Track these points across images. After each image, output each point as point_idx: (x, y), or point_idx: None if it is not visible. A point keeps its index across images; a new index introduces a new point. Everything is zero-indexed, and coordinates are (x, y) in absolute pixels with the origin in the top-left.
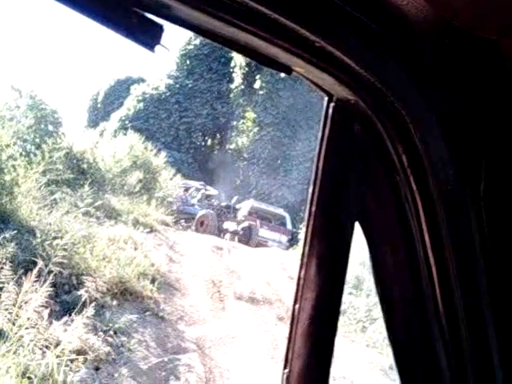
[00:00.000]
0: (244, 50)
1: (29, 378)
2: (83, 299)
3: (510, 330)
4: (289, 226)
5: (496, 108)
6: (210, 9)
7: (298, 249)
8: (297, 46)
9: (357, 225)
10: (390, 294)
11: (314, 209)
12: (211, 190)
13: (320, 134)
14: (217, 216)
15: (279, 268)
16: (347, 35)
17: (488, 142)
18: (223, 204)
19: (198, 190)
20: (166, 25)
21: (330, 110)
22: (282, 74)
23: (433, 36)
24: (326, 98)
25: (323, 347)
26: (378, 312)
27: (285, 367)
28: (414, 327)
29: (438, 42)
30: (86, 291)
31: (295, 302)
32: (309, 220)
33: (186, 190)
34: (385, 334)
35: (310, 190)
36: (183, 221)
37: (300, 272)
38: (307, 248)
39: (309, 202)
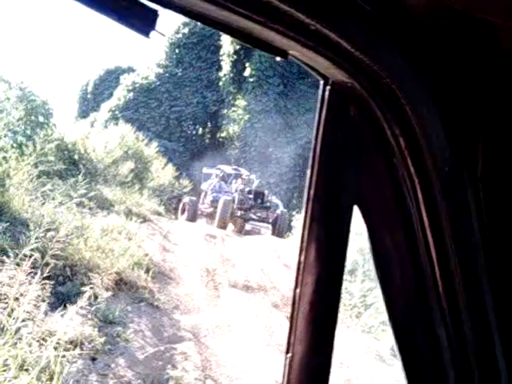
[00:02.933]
0: (238, 33)
1: (26, 370)
2: (78, 290)
3: (510, 309)
4: None
5: (492, 90)
6: None
7: (292, 237)
8: (292, 29)
9: (355, 208)
10: (390, 276)
11: (312, 193)
12: (251, 176)
13: (316, 118)
14: (241, 203)
15: (273, 255)
16: (342, 18)
17: (484, 124)
18: (247, 189)
19: (236, 176)
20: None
21: (326, 94)
22: (272, 61)
23: (428, 17)
24: (322, 82)
25: (325, 331)
26: (372, 298)
27: (287, 352)
28: (414, 309)
29: (434, 24)
30: (81, 282)
31: (296, 287)
32: (307, 204)
33: (222, 177)
34: (380, 319)
35: (308, 174)
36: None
37: (300, 257)
38: (306, 232)
39: (307, 186)
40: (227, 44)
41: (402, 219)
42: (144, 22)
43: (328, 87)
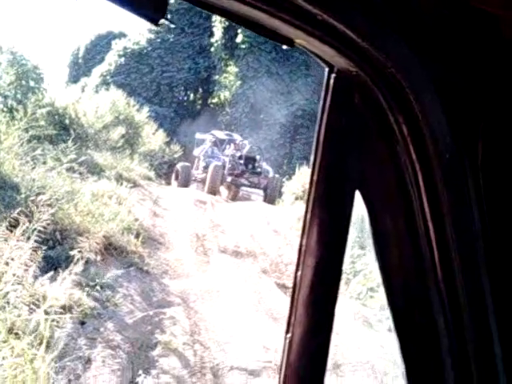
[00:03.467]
0: (246, 22)
1: (16, 333)
2: (67, 254)
3: (507, 296)
4: None
5: (493, 79)
6: None
7: (282, 203)
8: (299, 18)
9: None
10: (390, 261)
11: (315, 177)
12: (244, 142)
13: (321, 104)
14: (231, 169)
15: (263, 222)
16: (349, 8)
17: (485, 112)
18: (238, 155)
19: (230, 142)
20: None
21: (331, 81)
22: None
23: (433, 7)
24: (327, 69)
25: (324, 313)
26: (361, 264)
27: (287, 332)
28: (412, 293)
29: (438, 13)
30: (70, 246)
31: (297, 269)
32: (310, 188)
33: (214, 142)
34: (368, 285)
35: (312, 159)
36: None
37: (302, 239)
38: (309, 216)
39: (310, 170)
40: None
41: (403, 205)
42: (154, 10)
43: (333, 75)
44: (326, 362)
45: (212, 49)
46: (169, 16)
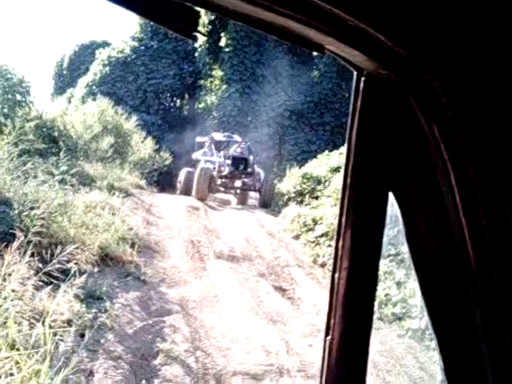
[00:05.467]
0: (279, 32)
1: (18, 349)
2: (64, 267)
3: None
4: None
5: None
6: None
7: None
8: (330, 25)
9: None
10: (424, 260)
11: (348, 181)
12: (244, 144)
13: (351, 108)
14: (219, 171)
15: (257, 225)
16: (381, 12)
17: None
18: (227, 155)
19: (230, 143)
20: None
21: (361, 84)
22: (247, 30)
23: (463, 13)
24: (356, 73)
25: (363, 315)
26: None
27: (327, 334)
28: (447, 289)
29: (469, 18)
30: (67, 259)
31: (334, 272)
32: (344, 191)
33: (211, 144)
34: None
35: (344, 163)
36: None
37: (337, 243)
38: (344, 219)
39: (343, 174)
40: (202, 14)
41: (436, 203)
42: (186, 23)
43: (362, 78)
44: (367, 363)
45: (196, 54)
46: (151, 23)
